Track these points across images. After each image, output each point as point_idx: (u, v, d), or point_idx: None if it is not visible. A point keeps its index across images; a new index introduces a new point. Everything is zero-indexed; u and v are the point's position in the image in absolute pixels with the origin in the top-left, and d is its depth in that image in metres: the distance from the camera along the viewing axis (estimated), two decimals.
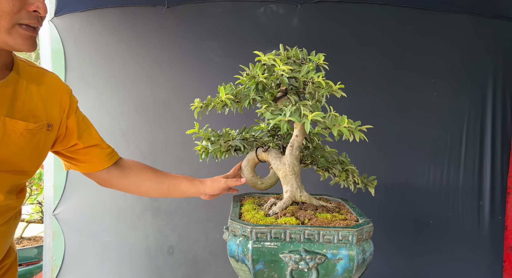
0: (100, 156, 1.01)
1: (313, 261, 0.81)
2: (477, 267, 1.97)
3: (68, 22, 1.92)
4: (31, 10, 0.73)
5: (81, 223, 1.96)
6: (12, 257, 0.94)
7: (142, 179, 1.07)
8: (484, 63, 1.87)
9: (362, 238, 0.84)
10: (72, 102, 0.96)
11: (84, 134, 0.98)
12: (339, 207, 1.03)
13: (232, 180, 1.09)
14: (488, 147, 1.91)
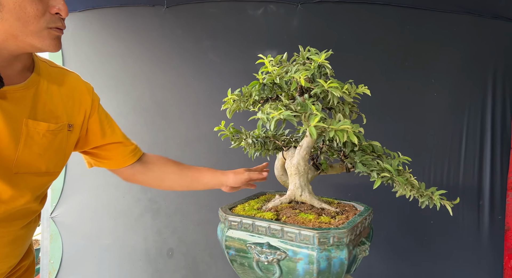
0: (124, 153, 1.03)
1: (273, 256, 0.83)
2: (477, 266, 1.98)
3: (66, 22, 1.88)
4: (53, 13, 0.74)
5: (79, 226, 1.94)
6: (30, 259, 0.95)
7: (166, 173, 1.08)
8: (484, 64, 1.89)
9: (327, 242, 0.79)
10: (93, 101, 0.97)
11: (108, 133, 0.99)
12: (346, 212, 0.99)
13: (255, 173, 1.10)
14: (488, 147, 1.92)
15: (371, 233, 0.98)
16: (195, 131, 1.97)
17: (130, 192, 1.96)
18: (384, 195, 1.81)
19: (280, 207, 1.02)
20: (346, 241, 0.80)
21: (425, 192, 0.96)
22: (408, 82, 1.92)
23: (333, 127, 0.85)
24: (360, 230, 0.87)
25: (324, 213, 0.95)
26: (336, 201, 1.12)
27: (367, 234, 0.97)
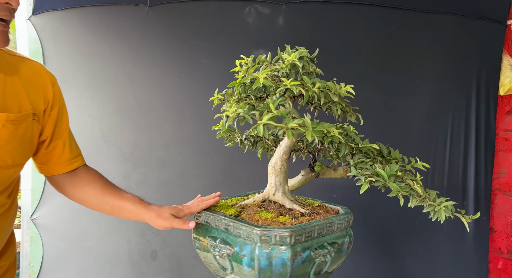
0: (63, 158, 0.96)
1: (224, 250, 0.86)
2: (462, 266, 2.00)
3: (47, 21, 1.89)
4: (3, 2, 0.70)
5: (60, 228, 1.92)
6: (10, 260, 0.92)
7: (87, 195, 1.00)
8: (468, 64, 1.90)
9: (269, 240, 0.80)
10: (55, 94, 0.92)
11: (57, 130, 0.94)
12: (315, 215, 0.96)
13: (178, 221, 0.96)
14: (472, 148, 1.94)
15: (346, 239, 0.94)
16: (179, 132, 1.96)
17: None
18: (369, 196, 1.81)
19: (249, 204, 1.03)
20: (289, 241, 0.79)
21: (429, 201, 0.90)
22: (393, 82, 1.93)
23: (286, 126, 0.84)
24: (316, 233, 0.85)
25: (289, 214, 0.94)
26: (317, 203, 1.11)
27: (338, 240, 0.91)
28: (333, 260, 0.88)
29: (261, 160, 1.26)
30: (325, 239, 0.87)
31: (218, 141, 1.96)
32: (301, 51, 0.94)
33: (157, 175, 1.97)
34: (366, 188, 0.86)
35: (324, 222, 0.87)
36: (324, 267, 0.87)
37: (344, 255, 0.94)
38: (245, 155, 1.98)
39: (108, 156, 1.96)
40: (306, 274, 0.85)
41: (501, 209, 2.05)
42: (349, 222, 0.95)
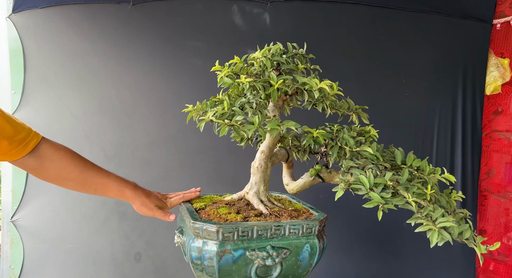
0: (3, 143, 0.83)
1: (178, 239, 0.99)
2: (450, 267, 2.00)
3: (27, 19, 1.87)
4: None
5: (42, 230, 1.90)
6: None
7: (65, 179, 0.93)
8: (454, 64, 1.91)
9: (200, 234, 0.84)
10: None
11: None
12: (272, 217, 0.95)
13: (161, 213, 1.00)
14: (459, 148, 1.94)
15: (305, 248, 0.89)
16: (163, 132, 1.95)
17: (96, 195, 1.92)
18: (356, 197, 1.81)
19: (223, 201, 1.06)
20: (217, 237, 0.82)
21: (424, 219, 0.80)
22: (379, 82, 1.93)
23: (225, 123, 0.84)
24: (256, 234, 0.84)
25: (247, 212, 0.95)
26: (298, 206, 1.09)
27: (289, 247, 0.88)
28: (288, 268, 0.86)
29: None
30: (269, 242, 0.85)
31: (203, 141, 1.96)
32: (276, 47, 0.93)
33: (141, 175, 1.96)
34: (340, 195, 0.85)
35: (267, 224, 0.84)
36: (273, 272, 0.85)
37: (308, 266, 0.89)
38: (230, 155, 1.98)
39: (90, 157, 1.91)
40: (244, 274, 0.84)
41: (491, 210, 2.06)
42: (311, 230, 0.88)
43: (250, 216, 0.92)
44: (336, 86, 0.99)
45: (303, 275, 0.90)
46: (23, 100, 1.89)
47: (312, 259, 0.89)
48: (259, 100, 0.91)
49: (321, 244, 0.92)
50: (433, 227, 0.76)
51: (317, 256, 0.89)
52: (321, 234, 0.94)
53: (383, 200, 0.79)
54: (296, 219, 0.92)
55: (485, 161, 1.98)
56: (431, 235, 0.76)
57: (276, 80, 0.87)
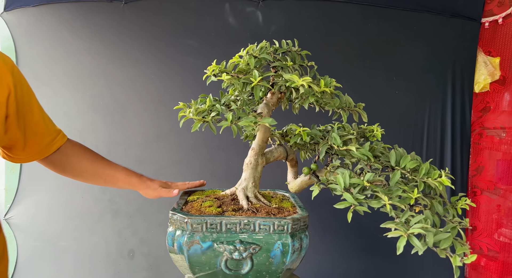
0: (41, 142, 0.95)
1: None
2: (437, 263, 2.04)
3: (19, 17, 1.88)
4: None
5: (35, 228, 1.92)
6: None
7: (80, 171, 1.04)
8: (443, 62, 1.94)
9: (176, 223, 0.92)
10: (15, 76, 0.86)
11: (27, 117, 0.90)
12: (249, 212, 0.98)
13: (165, 190, 1.12)
14: (448, 145, 1.98)
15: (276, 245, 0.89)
16: (156, 130, 1.97)
17: (89, 192, 1.95)
18: None
19: (214, 195, 1.11)
20: (186, 228, 0.88)
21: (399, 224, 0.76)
22: (370, 80, 1.96)
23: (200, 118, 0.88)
24: (225, 228, 0.88)
25: (227, 207, 0.98)
26: (286, 205, 1.10)
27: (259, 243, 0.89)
28: (260, 264, 0.88)
29: None
30: (239, 237, 0.87)
31: (196, 139, 1.98)
32: (262, 45, 0.95)
33: None
34: (315, 193, 0.88)
35: (236, 219, 0.87)
36: (245, 266, 0.88)
37: (281, 263, 0.89)
38: (223, 152, 2.00)
39: None
40: (214, 265, 0.88)
41: (481, 207, 2.10)
42: (283, 228, 0.88)
43: (228, 210, 0.95)
44: (329, 83, 1.00)
45: (278, 273, 0.90)
46: None
47: (285, 257, 0.88)
48: (244, 98, 0.94)
49: (297, 243, 0.90)
50: (402, 233, 0.73)
51: (289, 254, 0.88)
52: (299, 233, 0.92)
53: (356, 201, 0.79)
54: (274, 216, 0.92)
55: (474, 158, 2.02)
56: (399, 241, 0.72)
57: (257, 77, 0.89)
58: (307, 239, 0.95)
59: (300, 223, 0.91)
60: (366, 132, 1.23)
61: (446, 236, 0.73)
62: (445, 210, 0.88)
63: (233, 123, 0.87)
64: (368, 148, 0.92)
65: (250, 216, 0.91)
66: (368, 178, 0.82)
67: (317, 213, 1.90)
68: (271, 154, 1.18)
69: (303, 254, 0.94)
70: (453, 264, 0.72)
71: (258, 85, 0.90)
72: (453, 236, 0.76)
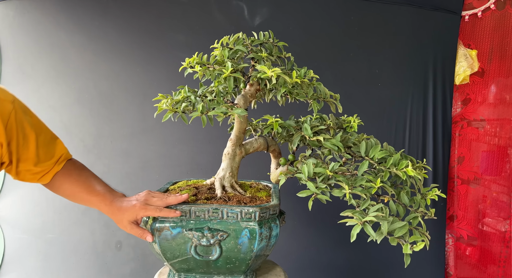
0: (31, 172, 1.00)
1: None
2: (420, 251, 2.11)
3: (2, 11, 1.90)
4: None
5: (22, 220, 1.96)
6: None
7: (64, 195, 1.10)
8: (425, 55, 2.00)
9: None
10: (10, 127, 0.89)
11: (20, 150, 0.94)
12: (220, 200, 1.02)
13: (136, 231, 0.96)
14: (430, 136, 2.04)
15: (243, 233, 0.92)
16: (142, 123, 2.01)
17: None
18: None
19: (193, 185, 1.17)
20: None
21: (356, 213, 0.79)
22: (353, 72, 2.01)
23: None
24: (194, 215, 0.92)
25: (202, 196, 1.03)
26: (262, 195, 1.14)
27: (227, 230, 0.92)
28: (229, 250, 0.91)
29: None
30: (207, 224, 0.91)
31: (182, 132, 2.02)
32: (235, 36, 0.99)
33: (121, 166, 2.02)
34: (282, 182, 0.93)
35: (204, 207, 0.91)
36: (214, 253, 0.92)
37: (249, 250, 0.92)
38: (209, 145, 2.04)
39: (70, 148, 1.96)
40: (184, 251, 0.93)
41: (461, 196, 2.17)
42: (251, 215, 0.91)
43: (201, 198, 1.00)
44: (304, 74, 1.03)
45: (247, 259, 0.93)
46: None
47: (253, 245, 0.91)
48: (218, 89, 0.98)
49: (265, 231, 0.93)
50: (356, 221, 0.76)
51: (257, 242, 0.91)
52: (267, 221, 0.94)
53: (318, 190, 0.82)
54: (245, 204, 0.96)
55: (455, 148, 2.09)
56: (353, 229, 0.75)
57: (229, 68, 0.93)
58: (277, 227, 0.97)
59: (269, 212, 0.94)
60: (344, 123, 1.26)
61: (401, 225, 0.76)
62: (412, 201, 0.90)
63: (203, 114, 0.91)
64: (340, 138, 0.95)
65: (219, 204, 0.95)
66: (332, 167, 0.85)
67: (301, 204, 1.95)
68: (250, 145, 1.21)
69: (273, 242, 0.97)
70: (403, 252, 0.74)
71: (230, 76, 0.94)
72: (414, 225, 0.79)
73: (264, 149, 1.27)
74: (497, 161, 2.12)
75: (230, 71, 0.93)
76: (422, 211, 0.90)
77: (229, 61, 0.97)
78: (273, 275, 1.13)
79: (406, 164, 0.86)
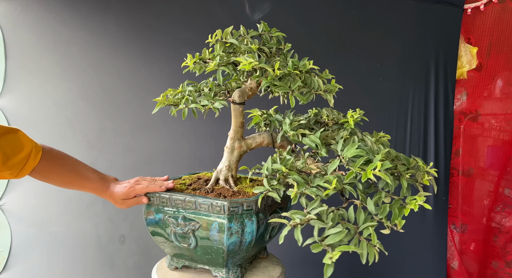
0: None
1: None
2: (423, 245, 2.13)
3: (7, 8, 1.95)
4: None
5: (28, 214, 2.02)
6: None
7: (53, 183, 1.08)
8: (426, 48, 2.00)
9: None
10: None
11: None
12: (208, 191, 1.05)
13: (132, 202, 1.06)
14: (431, 132, 2.06)
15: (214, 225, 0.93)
16: (144, 118, 2.05)
17: None
18: None
19: (196, 176, 1.21)
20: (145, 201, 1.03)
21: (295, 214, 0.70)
22: (354, 67, 2.03)
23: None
24: (173, 204, 0.98)
25: (196, 187, 1.07)
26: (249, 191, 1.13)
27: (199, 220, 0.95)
28: (203, 241, 0.94)
29: None
30: (184, 213, 0.96)
31: (184, 127, 2.06)
32: (227, 30, 1.02)
33: (124, 161, 2.06)
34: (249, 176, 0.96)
35: (181, 196, 0.96)
36: (191, 241, 0.95)
37: (219, 243, 0.92)
38: (211, 139, 2.08)
39: (73, 143, 2.05)
40: (167, 236, 0.99)
41: (457, 187, 2.19)
42: (220, 208, 0.91)
43: (189, 188, 1.05)
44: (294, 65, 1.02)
45: (220, 253, 0.94)
46: (5, 88, 1.98)
47: (222, 239, 0.91)
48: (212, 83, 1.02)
49: (236, 226, 0.91)
50: (286, 221, 0.71)
51: (226, 236, 0.90)
52: (240, 216, 0.93)
53: (269, 187, 0.81)
54: (224, 198, 0.96)
55: (453, 141, 2.11)
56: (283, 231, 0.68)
57: (217, 62, 0.96)
58: (252, 224, 0.94)
59: (241, 207, 0.93)
60: (345, 118, 1.22)
61: (335, 231, 0.66)
62: (378, 209, 0.77)
63: (186, 106, 0.95)
64: (321, 135, 0.91)
65: (194, 194, 0.98)
66: (286, 164, 0.84)
67: None
68: (253, 140, 1.19)
69: (249, 239, 0.94)
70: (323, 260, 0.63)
71: (217, 69, 0.97)
72: (365, 236, 0.70)
73: (269, 144, 1.22)
74: (502, 156, 2.13)
75: (214, 64, 0.96)
76: (383, 222, 0.76)
77: (223, 55, 0.99)
78: (267, 270, 1.13)
79: (375, 166, 0.74)
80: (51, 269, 2.05)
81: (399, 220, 0.73)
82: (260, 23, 1.97)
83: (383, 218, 0.74)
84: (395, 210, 0.75)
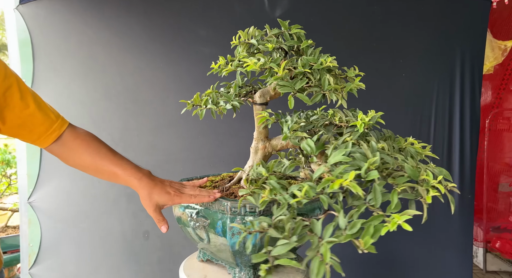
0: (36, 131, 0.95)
1: None
2: (448, 243, 2.14)
3: (34, 10, 2.04)
4: None
5: (56, 210, 2.13)
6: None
7: (82, 166, 1.02)
8: (451, 42, 1.99)
9: None
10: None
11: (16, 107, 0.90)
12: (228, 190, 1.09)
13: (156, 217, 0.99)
14: (457, 128, 2.05)
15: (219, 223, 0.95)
16: (166, 116, 2.12)
17: None
18: None
19: (227, 175, 1.28)
20: None
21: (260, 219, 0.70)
22: (376, 63, 2.04)
23: None
24: None
25: (220, 187, 1.11)
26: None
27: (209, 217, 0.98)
28: (212, 237, 0.97)
29: None
30: (199, 209, 1.01)
31: (204, 126, 2.13)
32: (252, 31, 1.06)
33: (147, 158, 2.15)
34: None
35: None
36: (204, 237, 1.00)
37: (224, 241, 0.94)
38: (231, 138, 2.14)
39: None
40: (187, 223, 1.04)
41: (488, 187, 2.18)
42: (225, 208, 0.93)
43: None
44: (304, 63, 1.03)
45: (227, 251, 0.95)
46: (33, 89, 2.08)
47: (225, 237, 0.93)
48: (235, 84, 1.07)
49: (238, 227, 0.89)
50: (243, 229, 0.70)
51: (228, 236, 0.91)
52: (243, 217, 0.93)
53: (250, 191, 0.83)
54: (235, 198, 1.00)
55: (483, 140, 2.09)
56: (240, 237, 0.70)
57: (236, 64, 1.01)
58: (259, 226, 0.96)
59: (244, 208, 0.93)
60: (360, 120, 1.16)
61: (282, 243, 0.64)
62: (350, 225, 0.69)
63: (206, 107, 1.00)
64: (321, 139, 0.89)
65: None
66: (268, 168, 0.86)
67: None
68: (277, 141, 1.20)
69: (253, 241, 0.92)
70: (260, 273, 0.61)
71: (237, 70, 1.02)
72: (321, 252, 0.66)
73: (293, 147, 1.20)
74: None
75: (234, 65, 1.00)
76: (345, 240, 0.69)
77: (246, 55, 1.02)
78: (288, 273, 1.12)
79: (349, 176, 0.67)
80: (79, 263, 2.16)
81: (367, 239, 0.64)
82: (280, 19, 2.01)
83: (351, 235, 0.67)
84: (370, 228, 0.65)
